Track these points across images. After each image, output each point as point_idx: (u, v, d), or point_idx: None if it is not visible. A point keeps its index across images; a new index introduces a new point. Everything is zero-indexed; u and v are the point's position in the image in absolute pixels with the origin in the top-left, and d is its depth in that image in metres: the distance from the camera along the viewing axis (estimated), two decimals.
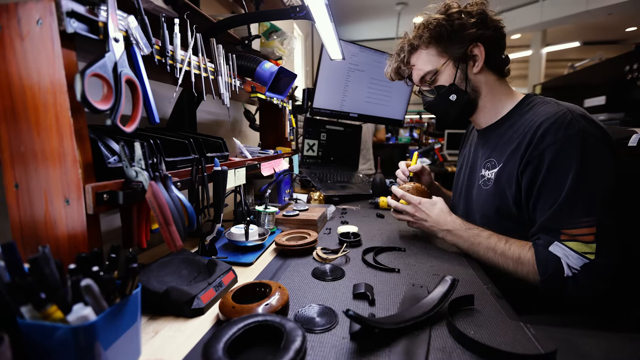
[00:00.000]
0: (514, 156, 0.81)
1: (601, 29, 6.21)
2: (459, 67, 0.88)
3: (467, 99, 0.90)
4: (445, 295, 0.60)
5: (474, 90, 0.90)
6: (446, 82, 0.89)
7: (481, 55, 0.86)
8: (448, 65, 0.88)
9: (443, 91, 0.90)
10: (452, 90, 0.89)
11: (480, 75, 0.89)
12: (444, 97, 0.91)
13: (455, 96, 0.89)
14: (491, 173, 0.88)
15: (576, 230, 0.70)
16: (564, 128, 0.72)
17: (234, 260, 0.84)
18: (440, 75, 0.90)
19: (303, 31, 4.02)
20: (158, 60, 0.61)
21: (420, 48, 0.92)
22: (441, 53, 0.89)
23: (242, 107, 1.76)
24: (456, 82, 0.88)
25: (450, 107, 0.91)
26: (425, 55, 0.91)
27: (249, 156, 1.13)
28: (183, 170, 0.68)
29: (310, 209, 1.19)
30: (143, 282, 0.61)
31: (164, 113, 1.20)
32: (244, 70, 1.05)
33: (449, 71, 0.89)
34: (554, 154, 0.72)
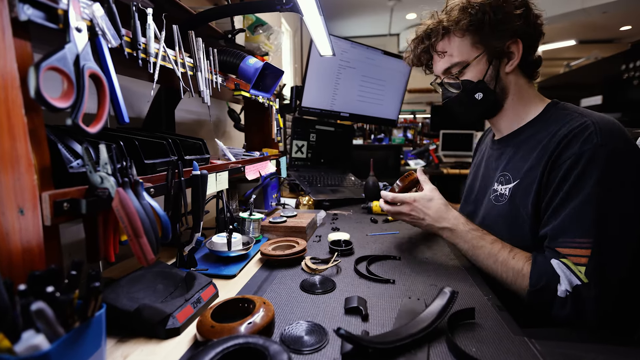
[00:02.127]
0: (533, 172, 0.76)
1: (596, 28, 6.37)
2: (492, 62, 0.81)
3: (493, 100, 0.84)
4: (444, 309, 0.59)
5: (502, 91, 0.84)
6: (474, 78, 0.83)
7: (518, 53, 0.80)
8: (481, 60, 0.81)
9: (470, 87, 0.83)
10: (480, 87, 0.83)
11: (512, 76, 0.84)
12: (470, 94, 0.84)
13: (481, 95, 0.83)
14: (505, 189, 0.83)
15: (568, 250, 0.68)
16: (581, 143, 0.69)
17: (215, 272, 0.81)
18: (470, 68, 0.83)
19: (291, 26, 4.01)
20: (128, 53, 0.58)
21: (454, 34, 0.83)
22: (476, 44, 0.81)
23: (226, 106, 1.72)
24: (485, 79, 0.82)
25: (474, 106, 0.86)
26: (459, 43, 0.82)
27: (232, 159, 1.10)
28: (157, 175, 0.65)
29: (298, 214, 1.17)
30: (111, 300, 0.57)
31: (139, 112, 1.16)
32: (227, 66, 1.02)
33: (480, 66, 0.82)
34: (567, 169, 0.70)
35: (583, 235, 0.67)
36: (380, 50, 1.99)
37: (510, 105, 0.86)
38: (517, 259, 0.74)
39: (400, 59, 2.07)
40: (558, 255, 0.69)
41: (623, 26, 6.34)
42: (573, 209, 0.68)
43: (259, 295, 0.70)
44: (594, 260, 0.65)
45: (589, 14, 5.21)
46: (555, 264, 0.68)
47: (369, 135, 4.98)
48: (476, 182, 1.00)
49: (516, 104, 0.86)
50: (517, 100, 0.85)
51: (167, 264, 0.74)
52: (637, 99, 2.64)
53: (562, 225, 0.69)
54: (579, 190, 0.68)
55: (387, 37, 6.88)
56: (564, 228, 0.69)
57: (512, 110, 0.86)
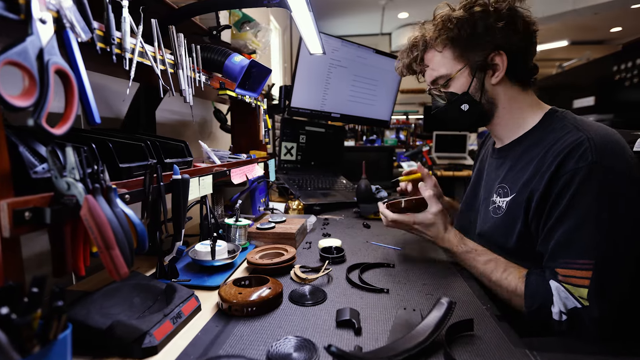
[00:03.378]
0: (527, 187, 0.76)
1: (588, 29, 6.52)
2: (475, 75, 0.83)
3: (480, 111, 0.86)
4: (442, 321, 0.57)
5: (490, 102, 0.86)
6: (459, 90, 0.85)
7: (503, 65, 0.81)
8: (463, 72, 0.84)
9: (455, 99, 0.86)
10: (465, 99, 0.85)
11: (499, 87, 0.84)
12: (455, 106, 0.87)
13: (467, 106, 0.85)
14: (503, 201, 0.83)
15: (569, 271, 0.67)
16: (575, 160, 0.69)
17: (198, 283, 0.77)
18: (454, 81, 0.86)
19: (281, 24, 3.99)
20: (101, 48, 0.55)
21: (435, 48, 0.87)
22: (458, 57, 0.84)
23: (211, 106, 1.69)
24: (470, 92, 0.84)
25: (461, 117, 0.88)
26: (440, 57, 0.86)
27: (217, 162, 1.07)
28: (134, 180, 0.62)
29: (288, 220, 1.14)
30: (81, 317, 0.54)
31: (118, 112, 1.12)
32: (212, 64, 0.99)
33: (463, 79, 0.84)
34: (561, 187, 0.69)
35: (583, 256, 0.66)
36: (372, 49, 1.98)
37: (502, 115, 0.87)
38: (509, 280, 0.74)
39: (392, 58, 2.07)
40: (557, 277, 0.69)
41: (613, 27, 6.50)
42: (570, 229, 0.68)
43: None
44: (595, 282, 0.65)
45: (580, 15, 5.32)
46: (554, 286, 0.68)
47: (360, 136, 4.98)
48: (479, 190, 0.99)
49: (509, 114, 0.86)
50: (508, 110, 0.86)
51: (145, 275, 0.71)
52: (629, 100, 2.69)
53: (560, 245, 0.69)
54: (574, 209, 0.68)
55: (379, 37, 6.92)
56: (562, 248, 0.69)
57: (506, 120, 0.87)
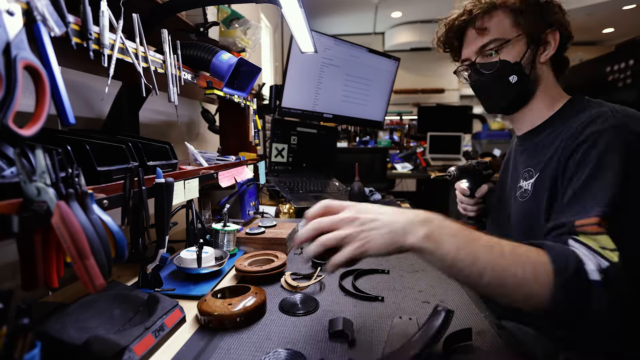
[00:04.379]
0: (551, 162, 0.77)
1: (580, 30, 6.62)
2: (530, 47, 0.83)
3: (526, 86, 0.85)
4: (439, 331, 0.55)
5: (535, 80, 0.86)
6: (512, 58, 0.84)
7: (555, 43, 0.83)
8: (521, 41, 0.83)
9: (506, 67, 0.84)
10: (516, 69, 0.84)
11: (545, 67, 0.86)
12: (504, 75, 0.85)
13: (516, 78, 0.84)
14: (529, 184, 0.83)
15: (586, 219, 0.61)
16: (598, 124, 0.71)
17: (183, 292, 0.75)
18: (509, 47, 0.84)
19: (271, 22, 3.97)
20: (77, 44, 0.53)
21: (498, 11, 0.85)
22: (518, 25, 0.83)
23: (199, 106, 1.66)
24: (522, 62, 0.83)
25: (507, 89, 0.86)
26: (502, 20, 0.84)
27: (204, 164, 1.04)
28: (113, 184, 0.59)
29: (278, 224, 1.12)
30: (55, 332, 0.51)
31: (100, 112, 1.09)
32: (198, 62, 0.97)
33: (519, 47, 0.84)
34: (584, 150, 0.70)
35: (602, 204, 0.62)
36: (366, 48, 1.97)
37: (538, 97, 0.87)
38: (525, 248, 0.60)
39: (386, 57, 2.07)
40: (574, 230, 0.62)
41: (606, 29, 6.63)
42: (596, 187, 0.65)
43: None
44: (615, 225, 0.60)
45: (573, 16, 5.40)
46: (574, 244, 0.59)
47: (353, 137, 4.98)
48: (507, 182, 0.99)
49: (543, 98, 0.87)
50: (544, 93, 0.87)
51: (126, 285, 0.68)
52: (622, 100, 2.73)
53: (578, 197, 0.67)
54: (601, 171, 0.66)
55: (372, 36, 6.94)
56: (583, 204, 0.65)
57: (539, 103, 0.87)
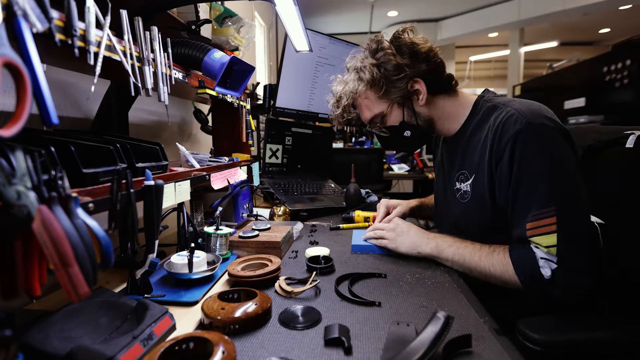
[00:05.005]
0: (482, 164, 0.88)
1: (577, 30, 6.71)
2: (404, 105, 0.95)
3: (421, 131, 0.98)
4: (438, 337, 0.54)
5: (426, 121, 0.98)
6: (396, 122, 0.97)
7: (423, 88, 0.93)
8: (393, 107, 0.96)
9: (396, 130, 0.98)
10: (405, 127, 0.97)
11: (428, 105, 0.96)
12: (399, 135, 0.98)
13: (409, 132, 0.98)
14: (466, 185, 0.94)
15: (536, 222, 0.76)
16: (512, 125, 0.81)
17: (174, 299, 0.73)
18: (388, 117, 0.97)
19: (266, 21, 3.96)
20: (61, 40, 0.51)
21: (358, 96, 0.99)
22: (382, 97, 0.95)
23: (191, 106, 1.65)
24: (406, 119, 0.96)
25: (408, 142, 1.00)
26: (367, 101, 0.98)
27: (196, 165, 1.03)
28: (100, 187, 0.58)
29: (272, 227, 1.11)
30: (37, 343, 0.49)
31: (88, 112, 1.07)
32: (190, 61, 0.96)
33: (395, 112, 0.96)
34: (509, 155, 0.80)
35: (544, 205, 0.76)
36: (362, 47, 1.96)
37: (441, 123, 0.99)
38: (497, 264, 0.82)
39: None
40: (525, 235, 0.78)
41: (602, 28, 6.70)
42: (528, 188, 0.78)
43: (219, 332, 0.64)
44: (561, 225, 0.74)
45: (569, 16, 5.47)
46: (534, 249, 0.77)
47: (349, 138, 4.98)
48: (443, 182, 1.10)
49: (446, 119, 0.98)
50: (444, 116, 0.98)
51: (114, 292, 0.66)
52: (619, 101, 2.75)
53: (523, 204, 0.79)
54: (525, 168, 0.78)
55: (368, 35, 6.94)
56: (525, 206, 0.79)
57: (445, 124, 0.99)
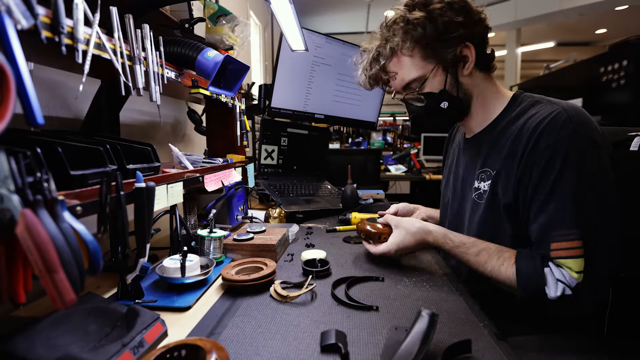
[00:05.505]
0: (510, 163, 0.80)
1: (573, 30, 6.76)
2: (448, 71, 0.85)
3: (459, 105, 0.89)
4: (427, 335, 0.54)
5: (466, 95, 0.89)
6: (436, 89, 0.87)
7: (472, 55, 0.84)
8: (437, 71, 0.86)
9: (433, 99, 0.87)
10: (444, 97, 0.87)
11: (471, 77, 0.88)
12: (435, 106, 0.88)
13: (447, 103, 0.87)
14: (486, 185, 0.86)
15: (561, 244, 0.72)
16: (558, 129, 0.74)
17: (166, 304, 0.72)
18: (429, 82, 0.87)
19: (261, 20, 3.95)
20: (47, 38, 0.50)
21: (401, 53, 0.87)
22: (428, 57, 0.85)
23: (185, 106, 1.63)
24: (447, 88, 0.86)
25: (442, 116, 0.90)
26: (410, 61, 0.87)
27: (189, 167, 1.01)
28: (88, 190, 0.56)
29: (268, 230, 1.09)
30: (22, 351, 0.48)
31: (78, 112, 1.06)
32: (183, 60, 0.94)
33: (438, 77, 0.86)
34: (547, 159, 0.74)
35: (571, 226, 0.71)
36: (358, 47, 1.95)
37: (476, 105, 0.91)
38: (504, 269, 0.78)
39: None
40: (549, 253, 0.74)
41: (599, 29, 6.76)
42: (560, 203, 0.73)
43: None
44: (587, 250, 0.70)
45: (566, 16, 5.51)
46: (547, 271, 0.73)
47: (346, 139, 4.98)
48: (457, 184, 1.02)
49: (482, 103, 0.90)
50: (481, 99, 0.90)
51: (103, 297, 0.65)
52: (616, 101, 2.77)
53: (550, 220, 0.74)
54: (564, 181, 0.72)
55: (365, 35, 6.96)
56: (552, 223, 0.73)
57: (479, 109, 0.91)
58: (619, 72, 2.76)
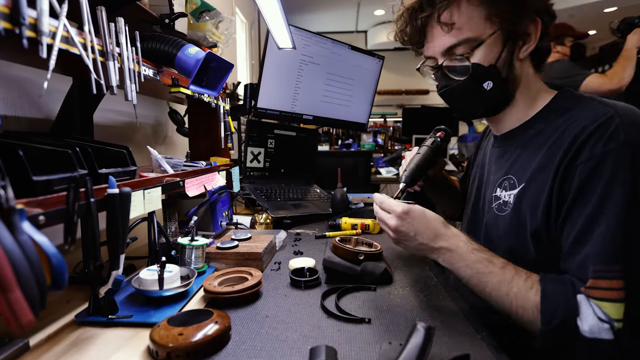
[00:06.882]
0: (543, 174, 0.69)
1: None
2: (506, 44, 0.73)
3: (503, 91, 0.77)
4: (423, 350, 0.52)
5: (514, 81, 0.77)
6: (485, 61, 0.73)
7: (536, 35, 0.74)
8: (496, 38, 0.72)
9: (480, 72, 0.74)
10: (491, 74, 0.74)
11: (523, 64, 0.77)
12: (478, 82, 0.75)
13: (491, 84, 0.74)
14: (509, 195, 0.76)
15: (599, 281, 0.60)
16: (605, 139, 0.62)
17: (142, 319, 0.68)
18: (482, 48, 0.73)
19: (248, 17, 3.92)
20: (6, 29, 0.47)
21: (467, 2, 0.73)
22: (491, 18, 0.72)
23: (167, 106, 1.59)
24: (498, 65, 0.73)
25: (481, 97, 0.77)
26: (472, 14, 0.72)
27: (169, 171, 0.98)
28: (54, 197, 0.53)
29: (254, 237, 1.06)
30: None
31: (49, 112, 1.01)
32: (162, 57, 0.91)
33: (494, 47, 0.73)
34: (588, 174, 0.62)
35: (612, 261, 0.59)
36: (348, 45, 1.95)
37: (518, 98, 0.79)
38: (535, 290, 0.64)
39: (370, 55, 2.05)
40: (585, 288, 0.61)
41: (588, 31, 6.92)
42: (606, 230, 0.60)
43: None
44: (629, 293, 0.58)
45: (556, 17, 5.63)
46: (581, 298, 0.61)
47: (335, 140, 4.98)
48: (481, 188, 0.93)
49: (525, 97, 0.79)
50: (525, 92, 0.79)
51: None
52: None
53: (593, 250, 0.61)
54: (609, 205, 0.60)
55: (355, 34, 7.00)
56: (594, 254, 0.61)
57: (520, 105, 0.80)
58: None
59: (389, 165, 3.70)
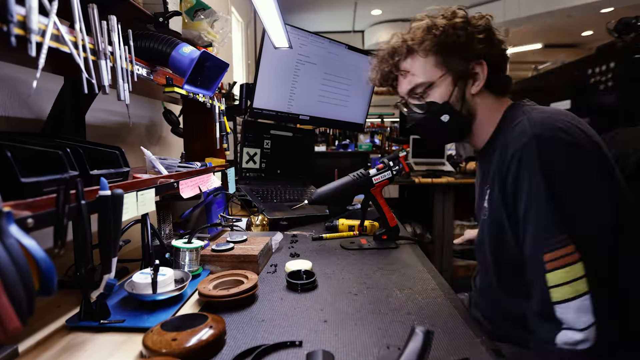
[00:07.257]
0: (495, 180, 0.80)
1: (561, 32, 6.96)
2: (457, 84, 0.87)
3: (460, 122, 0.89)
4: (422, 355, 0.51)
5: (470, 114, 0.89)
6: (440, 99, 0.88)
7: (483, 74, 0.86)
8: (445, 80, 0.87)
9: (435, 108, 0.88)
10: (446, 109, 0.87)
11: (478, 97, 0.88)
12: (435, 116, 0.89)
13: (447, 117, 0.88)
14: (486, 201, 0.86)
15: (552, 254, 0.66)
16: (519, 137, 0.74)
17: (135, 324, 0.67)
18: (435, 89, 0.88)
19: (244, 17, 3.91)
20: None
21: (417, 54, 0.89)
22: (440, 65, 0.87)
23: (161, 106, 1.58)
24: (451, 101, 0.87)
25: (440, 129, 0.90)
26: (423, 63, 0.89)
27: (163, 172, 0.97)
28: (43, 199, 0.52)
29: (249, 239, 1.05)
30: None
31: (39, 112, 1.00)
32: (155, 56, 0.90)
33: (445, 87, 0.87)
34: (514, 171, 0.73)
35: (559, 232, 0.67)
36: (344, 45, 1.94)
37: (478, 126, 0.91)
38: None
39: (367, 55, 2.05)
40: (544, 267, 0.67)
41: (585, 31, 6.97)
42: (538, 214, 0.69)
43: None
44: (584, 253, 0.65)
45: (553, 17, 5.67)
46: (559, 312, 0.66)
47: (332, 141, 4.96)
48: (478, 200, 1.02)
49: (487, 119, 0.89)
50: (485, 120, 0.89)
51: None
52: (604, 103, 2.84)
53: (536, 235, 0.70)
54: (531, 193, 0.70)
55: (351, 34, 7.01)
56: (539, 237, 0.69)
57: (483, 126, 0.90)
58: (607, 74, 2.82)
59: None
